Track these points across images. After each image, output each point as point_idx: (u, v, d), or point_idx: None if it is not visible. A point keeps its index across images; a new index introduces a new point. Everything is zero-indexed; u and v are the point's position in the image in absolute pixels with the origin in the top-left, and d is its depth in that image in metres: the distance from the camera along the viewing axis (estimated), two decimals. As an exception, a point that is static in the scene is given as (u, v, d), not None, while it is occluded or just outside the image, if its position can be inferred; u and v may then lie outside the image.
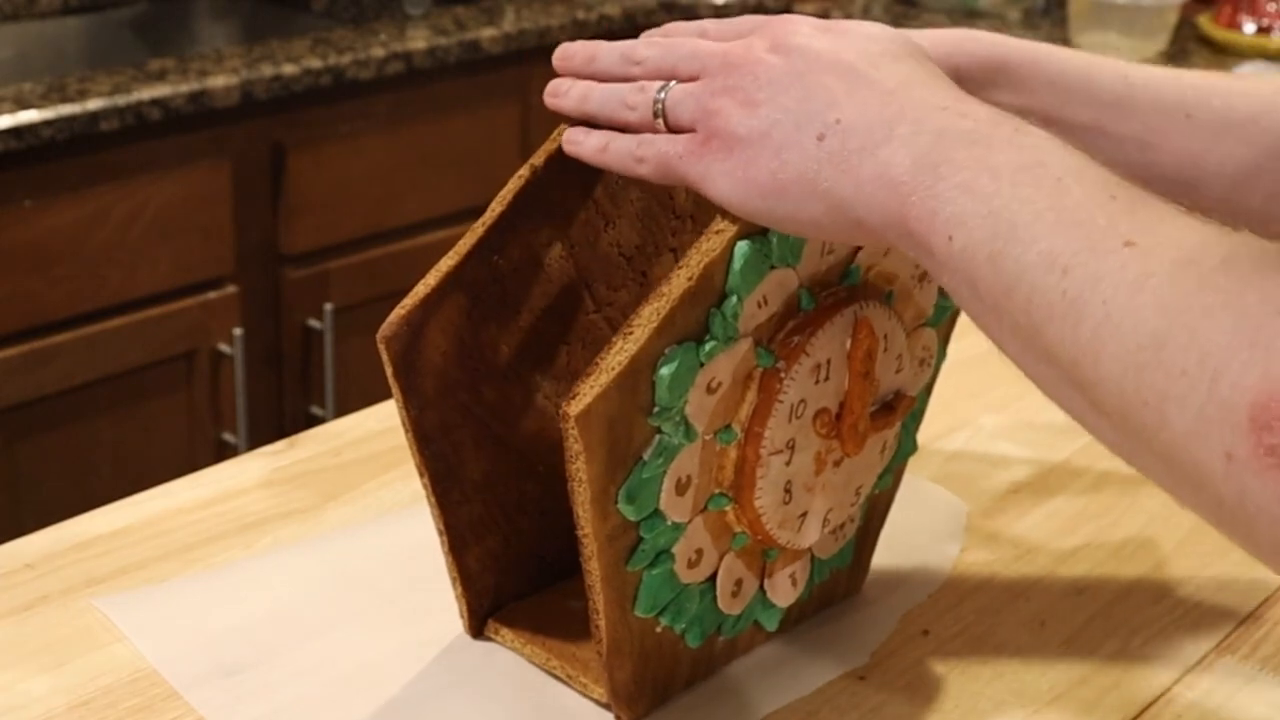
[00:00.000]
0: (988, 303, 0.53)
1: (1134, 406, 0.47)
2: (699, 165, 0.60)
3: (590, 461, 0.60)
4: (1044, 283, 0.50)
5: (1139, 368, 0.47)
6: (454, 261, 0.67)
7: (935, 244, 0.54)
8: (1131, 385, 0.47)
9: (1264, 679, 0.75)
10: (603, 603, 0.64)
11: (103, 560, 0.79)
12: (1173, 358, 0.45)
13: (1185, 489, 0.48)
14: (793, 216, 0.59)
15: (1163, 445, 0.47)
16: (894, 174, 0.55)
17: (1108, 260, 0.48)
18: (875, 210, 0.56)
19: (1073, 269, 0.49)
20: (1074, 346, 0.49)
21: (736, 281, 0.61)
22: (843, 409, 0.68)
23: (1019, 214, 0.51)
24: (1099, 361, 0.48)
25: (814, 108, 0.58)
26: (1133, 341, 0.47)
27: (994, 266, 0.52)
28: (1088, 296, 0.48)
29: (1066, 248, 0.50)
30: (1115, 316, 0.47)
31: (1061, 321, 0.49)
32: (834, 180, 0.57)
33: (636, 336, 0.60)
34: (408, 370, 0.67)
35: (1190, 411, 0.45)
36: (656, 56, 0.64)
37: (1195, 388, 0.45)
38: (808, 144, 0.57)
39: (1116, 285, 0.48)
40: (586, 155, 0.65)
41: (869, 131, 0.56)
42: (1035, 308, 0.50)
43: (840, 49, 0.59)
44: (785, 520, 0.68)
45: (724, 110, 0.60)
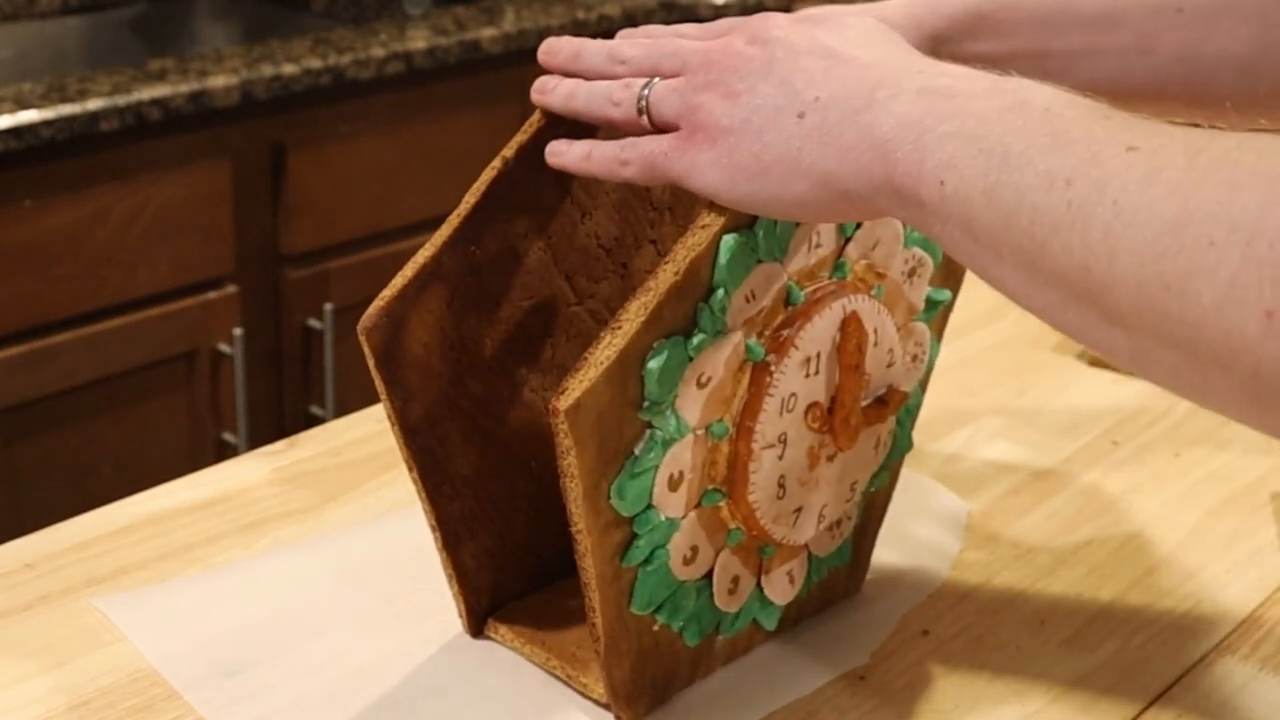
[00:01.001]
0: (985, 240, 0.52)
1: (1154, 295, 0.46)
2: (684, 160, 0.61)
3: (581, 456, 0.60)
4: (1046, 201, 0.49)
5: (1158, 255, 0.46)
6: (430, 253, 0.67)
7: (925, 193, 0.54)
8: (1151, 274, 0.46)
9: (1264, 679, 0.75)
10: (598, 600, 0.64)
11: (103, 560, 0.79)
12: (1197, 234, 0.45)
13: (1213, 371, 0.46)
14: (778, 196, 0.59)
15: (1188, 326, 0.46)
16: (878, 134, 0.55)
17: (1112, 164, 0.48)
18: (862, 176, 0.56)
19: (1076, 179, 0.49)
20: (1084, 252, 0.48)
21: (723, 275, 0.62)
22: (834, 403, 0.68)
23: (1011, 144, 0.51)
24: (1113, 260, 0.47)
25: (793, 89, 0.58)
26: (1150, 231, 0.46)
27: (990, 200, 0.51)
28: (1095, 200, 0.48)
29: (1066, 163, 0.49)
30: (1127, 212, 0.47)
31: (1069, 232, 0.49)
32: (817, 155, 0.57)
33: (624, 331, 0.60)
34: (390, 362, 0.67)
35: (1221, 281, 0.44)
36: (640, 55, 0.65)
37: (1227, 256, 0.44)
38: (788, 123, 0.58)
39: (1125, 184, 0.47)
40: (571, 165, 0.65)
41: (848, 100, 0.57)
42: (1038, 227, 0.50)
43: (817, 35, 0.60)
44: (780, 515, 0.68)
45: (706, 104, 0.60)
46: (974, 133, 0.52)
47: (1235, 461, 0.95)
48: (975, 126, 0.53)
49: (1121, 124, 0.50)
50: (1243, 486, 0.92)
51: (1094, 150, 0.49)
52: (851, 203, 0.57)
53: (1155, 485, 0.92)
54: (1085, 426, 0.99)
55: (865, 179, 0.56)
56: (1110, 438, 0.98)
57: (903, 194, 0.55)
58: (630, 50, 0.66)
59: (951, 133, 0.53)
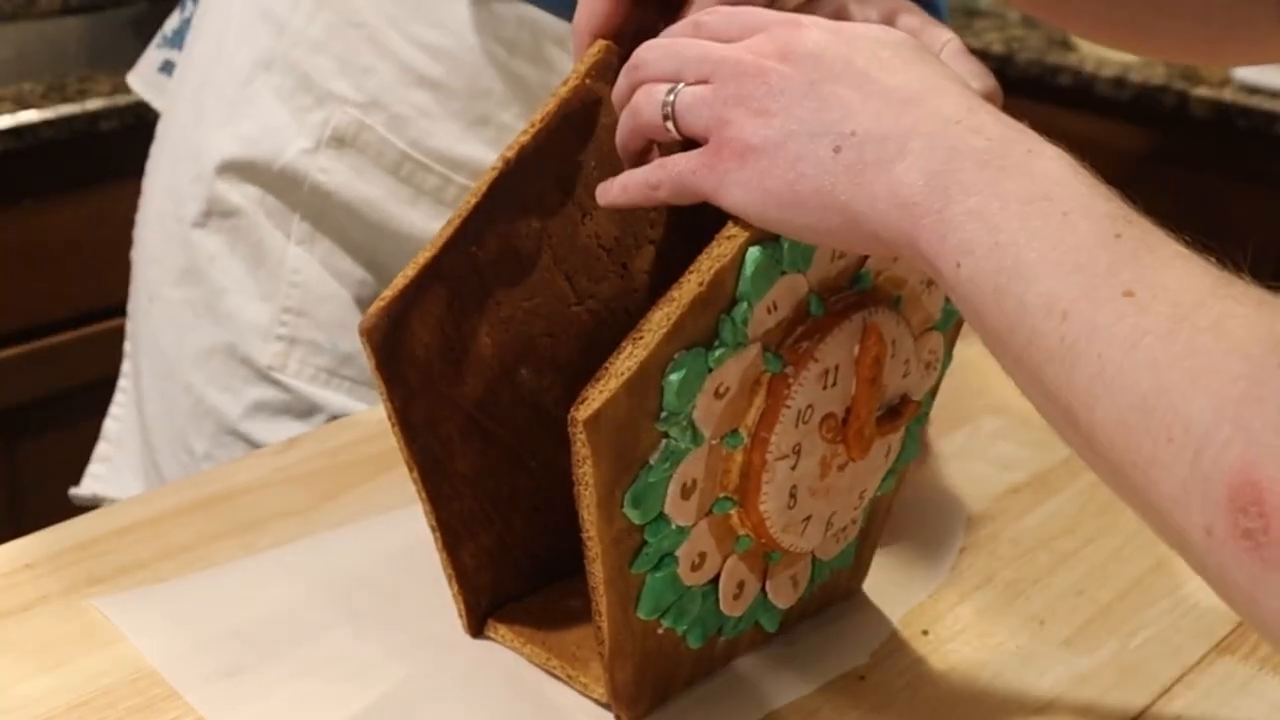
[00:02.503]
0: (992, 335, 0.53)
1: (1125, 463, 0.48)
2: (712, 177, 0.60)
3: (597, 466, 0.60)
4: (1044, 326, 0.50)
5: (1128, 429, 0.47)
6: (431, 253, 0.67)
7: (944, 269, 0.54)
8: (1122, 443, 0.48)
9: (1264, 679, 0.75)
10: (606, 605, 0.64)
11: (103, 560, 0.79)
12: (1160, 423, 0.46)
13: (1174, 546, 0.49)
14: (811, 228, 0.58)
15: (1151, 507, 0.48)
16: (905, 194, 0.55)
17: (1105, 310, 0.49)
18: (890, 228, 0.56)
19: (1071, 315, 0.50)
20: (1069, 392, 0.50)
21: (747, 287, 0.61)
22: (849, 414, 0.67)
23: (1024, 250, 0.51)
24: (1093, 411, 0.49)
25: (829, 119, 0.57)
26: (1124, 401, 0.47)
27: (998, 302, 0.52)
28: (1084, 346, 0.49)
29: (1066, 292, 0.50)
30: (1109, 372, 0.48)
31: (1059, 366, 0.50)
32: (851, 194, 0.57)
33: (646, 342, 0.59)
34: (390, 362, 0.67)
35: (1175, 480, 0.46)
36: (657, 59, 0.63)
37: (1180, 457, 0.46)
38: (824, 156, 0.57)
39: (1111, 339, 0.48)
40: (614, 200, 0.65)
41: (883, 144, 0.56)
42: (1035, 349, 0.51)
43: (851, 54, 0.59)
44: (789, 524, 0.68)
45: (737, 120, 0.59)
46: (995, 221, 0.53)
47: (1235, 461, 0.95)
48: (998, 214, 0.53)
49: (1129, 250, 0.50)
50: (1243, 486, 0.92)
51: (1093, 286, 0.50)
52: (880, 244, 0.57)
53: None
54: (1085, 426, 0.99)
55: (893, 231, 0.56)
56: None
57: (926, 259, 0.55)
58: (646, 55, 0.64)
59: (975, 211, 0.53)
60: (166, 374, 1.10)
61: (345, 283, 1.07)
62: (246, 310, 1.07)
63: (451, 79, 1.02)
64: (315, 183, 1.05)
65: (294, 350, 1.06)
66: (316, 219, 1.06)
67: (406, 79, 1.03)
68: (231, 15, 1.08)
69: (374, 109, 1.04)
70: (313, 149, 1.04)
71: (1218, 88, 2.01)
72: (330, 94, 1.04)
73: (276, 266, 1.06)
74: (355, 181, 1.05)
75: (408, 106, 1.03)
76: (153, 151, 1.16)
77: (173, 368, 1.09)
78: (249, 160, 1.05)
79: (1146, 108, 2.05)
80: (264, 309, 1.06)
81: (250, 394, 1.06)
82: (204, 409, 1.07)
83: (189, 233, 1.08)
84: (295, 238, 1.06)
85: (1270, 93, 1.98)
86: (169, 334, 1.09)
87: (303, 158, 1.04)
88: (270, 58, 1.05)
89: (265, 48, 1.05)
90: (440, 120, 1.04)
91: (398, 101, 1.03)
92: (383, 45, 1.02)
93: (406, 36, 1.02)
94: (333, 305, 1.07)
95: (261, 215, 1.06)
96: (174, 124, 1.13)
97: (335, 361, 1.07)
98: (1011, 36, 2.25)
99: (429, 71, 1.02)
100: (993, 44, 2.21)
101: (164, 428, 1.10)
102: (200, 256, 1.07)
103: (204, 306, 1.08)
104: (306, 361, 1.07)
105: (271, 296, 1.06)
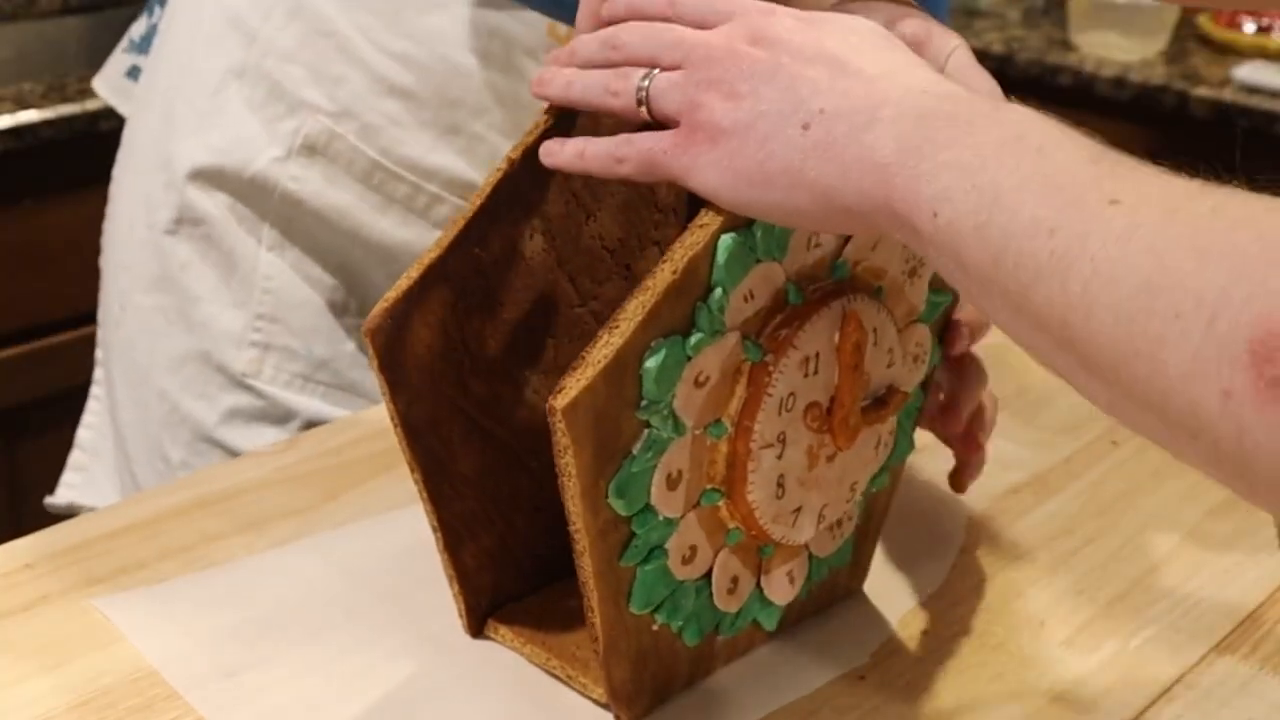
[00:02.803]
0: (975, 276, 0.53)
1: (1126, 357, 0.47)
2: (684, 158, 0.61)
3: (578, 455, 0.60)
4: (1030, 246, 0.50)
5: (1130, 317, 0.47)
6: (435, 254, 0.67)
7: (920, 222, 0.54)
8: (1124, 335, 0.47)
9: (1264, 679, 0.75)
10: (597, 599, 0.64)
11: (103, 560, 0.79)
12: (1166, 302, 0.46)
13: (1181, 437, 0.47)
14: (780, 206, 0.59)
15: (1157, 393, 0.47)
16: (878, 157, 0.55)
17: (1094, 218, 0.49)
18: (863, 196, 0.56)
19: (1059, 229, 0.49)
20: (1063, 305, 0.49)
21: (721, 275, 0.62)
22: (833, 403, 0.68)
23: (1003, 183, 0.51)
24: (1090, 316, 0.48)
25: (798, 98, 0.58)
26: (1124, 290, 0.47)
27: (980, 237, 0.52)
28: (1075, 253, 0.49)
29: (1051, 210, 0.50)
30: (1104, 269, 0.48)
31: (1050, 281, 0.49)
32: (820, 169, 0.57)
33: (622, 330, 0.60)
34: (393, 363, 0.67)
35: (1186, 353, 0.45)
36: (636, 43, 0.64)
37: (1191, 329, 0.45)
38: (793, 134, 0.58)
39: (1104, 239, 0.48)
40: (564, 163, 0.65)
41: (852, 116, 0.57)
42: (1023, 271, 0.50)
43: (821, 38, 0.60)
44: (779, 515, 0.68)
45: (708, 103, 0.60)
46: (970, 165, 0.53)
47: (1235, 461, 0.95)
48: (971, 159, 0.53)
49: (1109, 171, 0.50)
50: (1243, 486, 0.92)
51: (1078, 200, 0.49)
52: (851, 218, 0.57)
53: (1155, 485, 0.92)
54: (1085, 426, 0.99)
55: (866, 199, 0.56)
56: (1110, 438, 0.98)
57: (900, 218, 0.55)
58: (626, 37, 0.65)
59: (949, 162, 0.53)
60: (140, 382, 1.09)
61: (317, 289, 1.07)
62: (220, 317, 1.06)
63: (422, 88, 1.02)
64: (286, 191, 1.04)
65: (268, 356, 1.06)
66: (287, 227, 1.06)
67: (378, 88, 1.03)
68: (201, 23, 1.07)
69: (345, 118, 1.03)
70: (284, 157, 1.04)
71: (1218, 88, 2.01)
72: (302, 103, 1.03)
73: (249, 273, 1.06)
74: (326, 190, 1.05)
75: (379, 115, 1.03)
76: (120, 158, 1.15)
77: (146, 375, 1.09)
78: (220, 168, 1.05)
79: (1146, 108, 2.05)
80: (237, 316, 1.06)
81: (225, 401, 1.06)
82: (179, 416, 1.06)
83: (160, 240, 1.07)
84: (266, 244, 1.06)
85: (1270, 93, 1.98)
86: (142, 342, 1.09)
87: (274, 166, 1.04)
88: (241, 67, 1.04)
89: (236, 56, 1.05)
90: (411, 129, 1.03)
91: (369, 110, 1.03)
92: (354, 55, 1.02)
93: (378, 46, 1.01)
94: (306, 311, 1.07)
95: (233, 223, 1.06)
96: (143, 131, 1.12)
97: (310, 367, 1.07)
98: (1011, 36, 2.25)
99: (400, 81, 1.02)
100: (993, 44, 2.21)
101: (139, 436, 1.10)
102: (172, 264, 1.07)
103: (177, 314, 1.07)
104: (281, 367, 1.06)
105: (244, 303, 1.06)
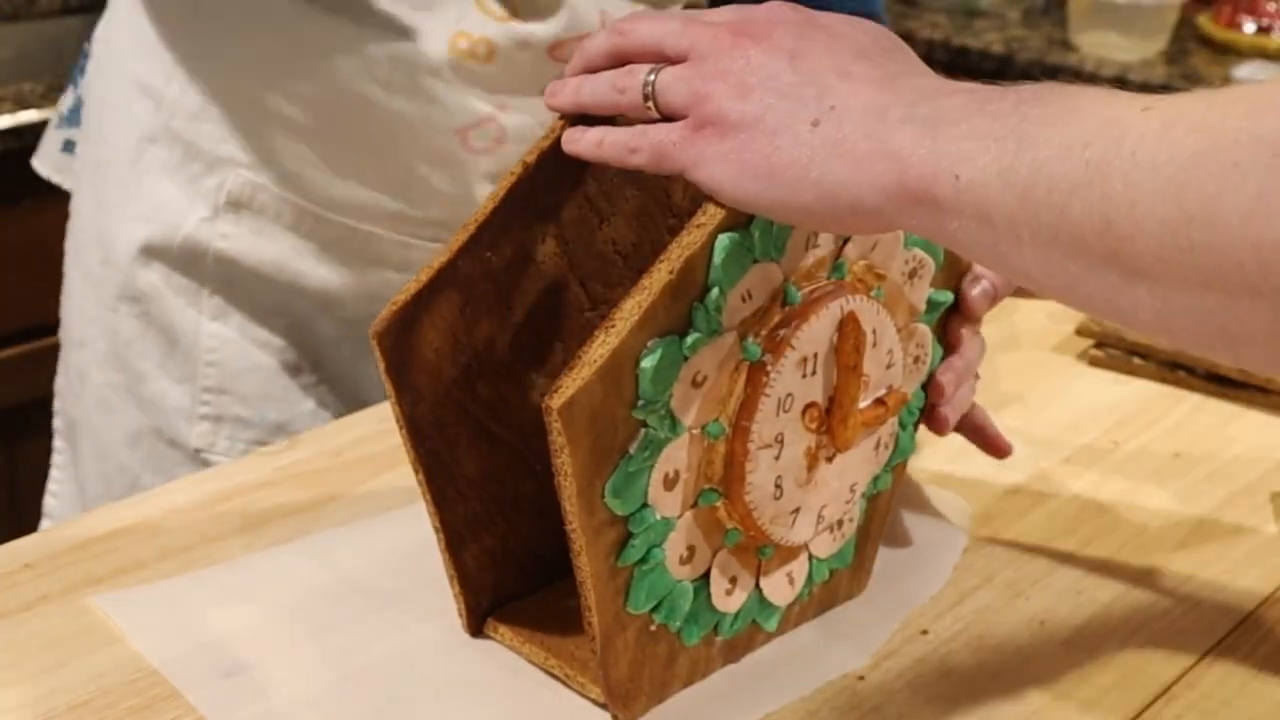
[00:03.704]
0: (1002, 225, 0.52)
1: (1178, 231, 0.47)
2: (691, 151, 0.60)
3: (574, 455, 0.60)
4: (1063, 168, 0.50)
5: (1180, 189, 0.46)
6: (446, 258, 0.67)
7: (940, 190, 0.54)
8: (1174, 209, 0.47)
9: (1264, 679, 0.75)
10: (594, 599, 0.64)
11: (103, 560, 0.79)
12: (1221, 161, 0.46)
13: (1242, 301, 0.47)
14: (783, 202, 0.59)
15: (1214, 257, 0.46)
16: (891, 146, 0.55)
17: (1129, 124, 0.49)
18: (875, 186, 0.56)
19: (1093, 141, 0.49)
20: (1104, 205, 0.49)
21: (718, 275, 0.62)
22: (832, 403, 0.68)
23: (1026, 131, 0.51)
24: (1135, 206, 0.48)
25: (807, 94, 0.58)
26: (1171, 168, 0.47)
27: (1006, 180, 0.51)
28: (1113, 154, 0.48)
29: (1083, 131, 0.50)
30: (1146, 157, 0.47)
31: (1088, 190, 0.49)
32: (827, 166, 0.57)
33: (618, 329, 0.60)
34: (401, 366, 0.67)
35: (1248, 195, 0.45)
36: (644, 28, 0.64)
37: (1252, 171, 0.45)
38: (802, 130, 0.58)
39: (1143, 134, 0.48)
40: (584, 151, 0.65)
41: (863, 116, 0.57)
42: (1057, 194, 0.50)
43: (830, 36, 0.60)
44: (777, 516, 0.68)
45: (716, 95, 0.60)
46: (988, 129, 0.53)
47: (1235, 461, 0.95)
48: (990, 124, 0.53)
49: (1137, 95, 0.51)
50: (1243, 486, 0.92)
51: (1111, 116, 0.49)
52: (857, 216, 0.57)
53: (1155, 485, 0.92)
54: (1085, 426, 0.99)
55: (878, 189, 0.56)
56: (1110, 438, 0.98)
57: (916, 195, 0.55)
58: (633, 23, 0.65)
59: (967, 133, 0.53)
60: (103, 455, 1.09)
61: (267, 352, 1.06)
62: (168, 394, 1.05)
63: (334, 128, 1.00)
64: (219, 251, 1.03)
65: (220, 428, 1.05)
66: (226, 290, 1.04)
67: (290, 134, 1.01)
68: (109, 93, 1.06)
69: (264, 168, 1.02)
70: (211, 217, 1.03)
71: (1218, 88, 2.01)
72: (219, 159, 1.02)
73: (190, 347, 1.05)
74: (259, 243, 1.03)
75: (296, 161, 1.02)
76: (68, 232, 1.13)
77: (107, 450, 1.08)
78: (149, 240, 1.03)
79: (1146, 108, 2.05)
80: (184, 391, 1.05)
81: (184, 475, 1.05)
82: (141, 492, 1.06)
83: (106, 317, 1.07)
84: (209, 314, 1.04)
85: (1270, 93, 1.97)
86: (99, 417, 1.09)
87: (203, 227, 1.03)
88: (153, 132, 1.03)
89: (146, 123, 1.03)
90: (330, 170, 1.02)
91: (286, 157, 1.02)
92: (261, 104, 1.00)
93: (282, 92, 0.99)
94: (256, 378, 1.05)
95: (170, 295, 1.04)
96: (81, 206, 1.12)
97: (265, 433, 1.06)
98: (1011, 36, 2.25)
99: (310, 123, 1.00)
100: (993, 44, 2.20)
101: None
102: (118, 341, 1.06)
103: (126, 391, 1.07)
104: (235, 437, 1.06)
105: (189, 378, 1.05)
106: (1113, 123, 0.49)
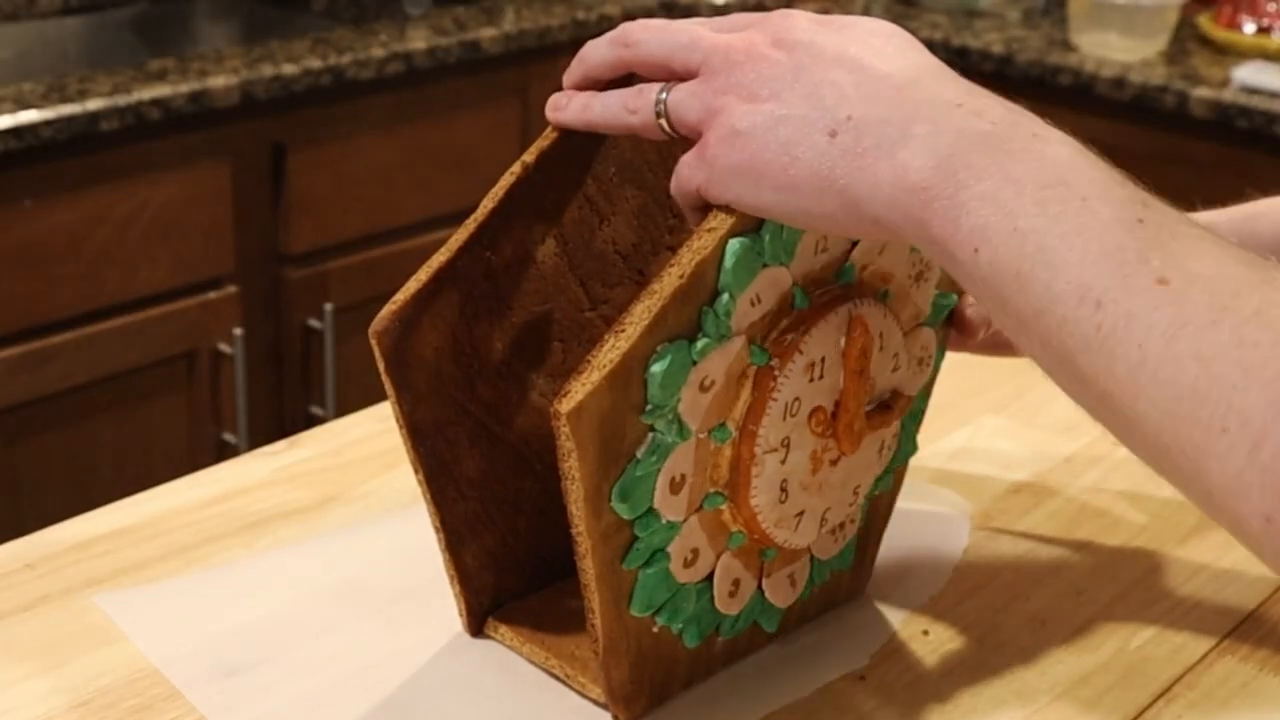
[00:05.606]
0: (1015, 319, 0.52)
1: (1171, 451, 0.48)
2: (702, 168, 0.60)
3: (582, 459, 0.60)
4: (1076, 314, 0.50)
5: (1176, 419, 0.47)
6: (445, 257, 0.67)
7: (960, 254, 0.53)
8: (1169, 434, 0.47)
9: (1264, 679, 0.75)
10: (598, 601, 0.64)
11: (103, 560, 0.79)
12: (1212, 415, 0.46)
13: (1223, 523, 0.48)
14: (808, 212, 0.58)
15: (1200, 490, 0.47)
16: (913, 179, 0.54)
17: (1141, 299, 0.48)
18: (896, 210, 0.55)
19: (1105, 304, 0.49)
20: (1109, 381, 0.49)
21: (729, 279, 0.61)
22: (838, 407, 0.68)
23: (1046, 236, 0.51)
24: (1136, 401, 0.48)
25: (823, 103, 0.57)
26: (1170, 392, 0.47)
27: (1021, 287, 0.51)
28: (1122, 335, 0.48)
29: (1098, 281, 0.49)
30: (1151, 363, 0.47)
31: (1096, 354, 0.49)
32: (850, 177, 0.56)
33: (628, 334, 0.60)
34: (400, 365, 0.67)
35: (1230, 470, 0.45)
36: (652, 41, 0.63)
37: (1235, 448, 0.45)
38: (819, 140, 0.56)
39: (1150, 329, 0.48)
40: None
41: (882, 128, 0.55)
42: (1068, 335, 0.50)
43: (843, 42, 0.58)
44: (782, 519, 0.68)
45: (728, 108, 0.59)
46: (1010, 206, 0.52)
47: (1235, 461, 0.95)
48: (1012, 198, 0.52)
49: (1153, 234, 0.50)
50: (1243, 486, 0.92)
51: (1125, 274, 0.49)
52: (881, 228, 0.56)
53: (1155, 484, 0.92)
54: (1085, 426, 0.99)
55: (899, 213, 0.55)
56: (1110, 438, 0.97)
57: (938, 243, 0.54)
58: (640, 34, 0.63)
59: (987, 195, 0.52)
60: None
61: None
62: None
63: None
64: None
65: None
66: None
67: None
68: None
69: None
70: None
71: (1218, 88, 2.01)
72: None
73: None
74: None
75: None
76: None
77: None
78: None
79: (1146, 108, 2.05)
80: None
81: None
82: None
83: None
84: None
85: (1270, 93, 1.98)
86: None
87: None
88: None
89: None
90: None
91: None
92: None
93: None
94: None
95: None
96: None
97: None
98: (1011, 36, 2.25)
99: None
100: (993, 44, 2.21)
101: None
102: None
103: None
104: None
105: None
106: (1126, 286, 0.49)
